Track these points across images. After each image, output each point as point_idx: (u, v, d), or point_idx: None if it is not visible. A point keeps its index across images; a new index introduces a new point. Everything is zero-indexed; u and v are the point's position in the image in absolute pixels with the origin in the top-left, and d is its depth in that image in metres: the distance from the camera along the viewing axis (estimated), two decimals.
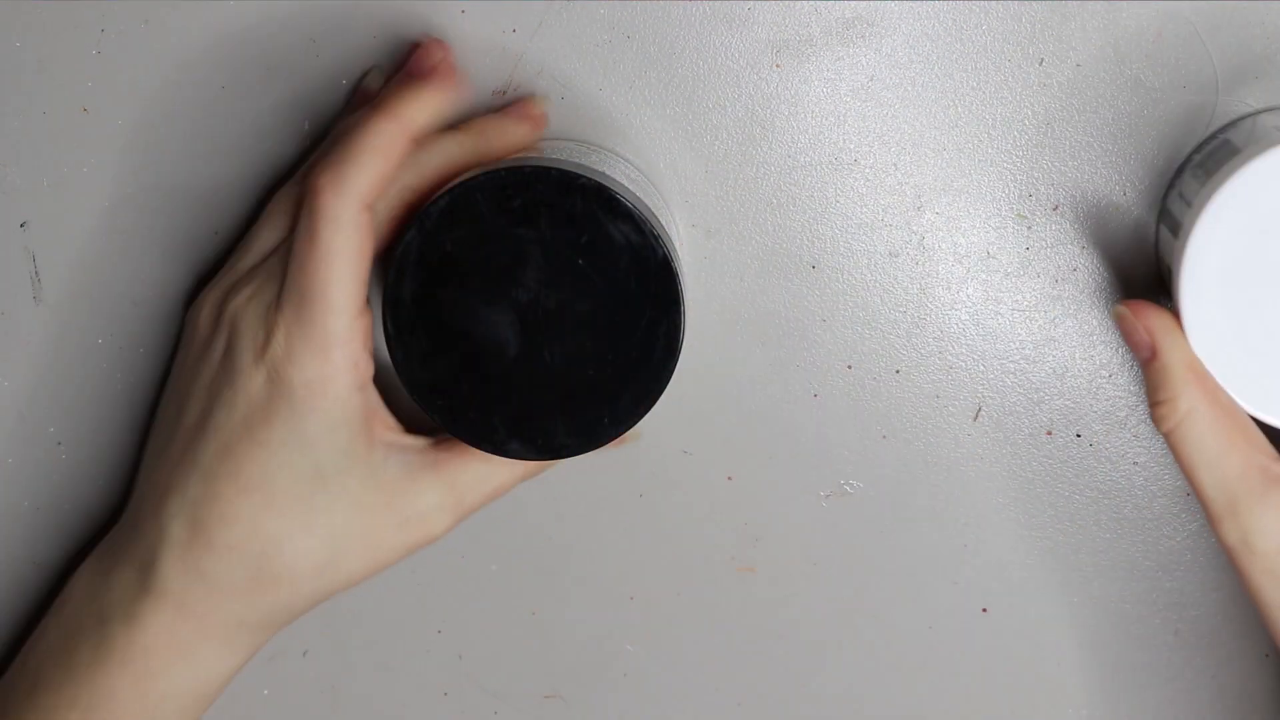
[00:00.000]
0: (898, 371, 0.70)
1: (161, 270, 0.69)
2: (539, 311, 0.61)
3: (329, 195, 0.60)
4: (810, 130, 0.68)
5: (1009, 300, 0.69)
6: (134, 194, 0.69)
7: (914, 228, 0.69)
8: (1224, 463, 0.61)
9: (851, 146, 0.68)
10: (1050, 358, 0.69)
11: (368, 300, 0.62)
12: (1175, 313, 0.62)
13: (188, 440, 0.63)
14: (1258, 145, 0.61)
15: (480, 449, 0.62)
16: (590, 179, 0.60)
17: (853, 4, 0.67)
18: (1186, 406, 0.61)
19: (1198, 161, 0.66)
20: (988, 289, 0.69)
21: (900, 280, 0.69)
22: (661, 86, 0.68)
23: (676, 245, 0.64)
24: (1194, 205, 0.62)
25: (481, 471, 0.64)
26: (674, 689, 0.73)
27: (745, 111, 0.68)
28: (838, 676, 0.72)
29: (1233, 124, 0.67)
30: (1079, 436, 0.70)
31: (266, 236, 0.65)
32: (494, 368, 0.61)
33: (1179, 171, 0.67)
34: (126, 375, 0.70)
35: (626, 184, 0.62)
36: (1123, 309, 0.63)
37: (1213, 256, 0.61)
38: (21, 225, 0.69)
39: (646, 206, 0.61)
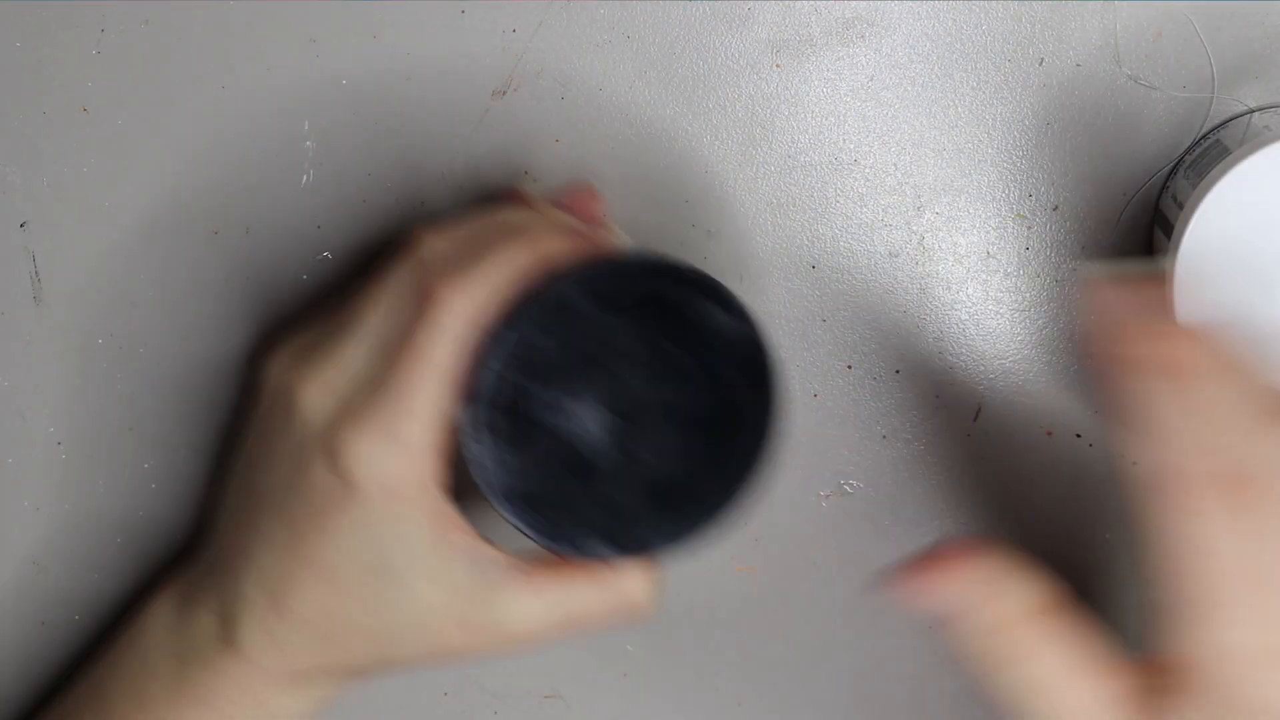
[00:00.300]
0: (898, 371, 0.70)
1: (162, 271, 0.69)
2: (632, 407, 0.59)
3: (448, 309, 0.58)
4: (810, 130, 0.68)
5: (1009, 300, 0.69)
6: (134, 194, 0.69)
7: (914, 228, 0.69)
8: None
9: (851, 146, 0.68)
10: (1050, 358, 0.69)
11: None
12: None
13: (261, 509, 0.62)
14: (1249, 146, 0.61)
15: (564, 553, 0.60)
16: (689, 268, 0.58)
17: (853, 4, 0.67)
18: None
19: (1189, 163, 0.66)
20: (988, 289, 0.69)
21: (900, 280, 0.69)
22: (661, 86, 0.68)
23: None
24: (1185, 206, 0.62)
25: (567, 592, 0.61)
26: (674, 689, 0.73)
27: (745, 111, 0.68)
28: (838, 676, 0.72)
29: (1225, 124, 0.67)
30: (1079, 436, 0.70)
31: (375, 323, 0.61)
32: (583, 467, 0.59)
33: (1172, 172, 0.67)
34: (126, 375, 0.70)
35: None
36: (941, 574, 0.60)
37: (1204, 258, 0.61)
38: (21, 225, 0.69)
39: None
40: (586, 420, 0.59)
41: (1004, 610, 0.57)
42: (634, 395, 0.59)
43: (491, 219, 0.62)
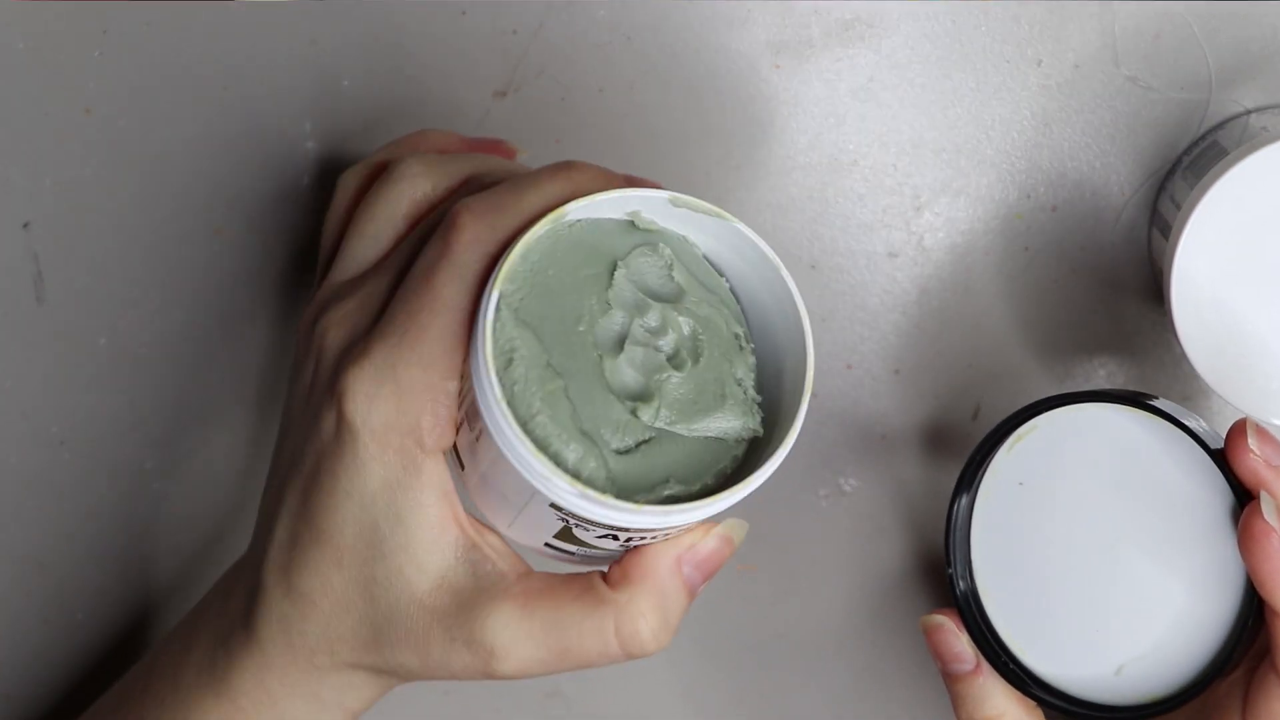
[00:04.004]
0: (897, 371, 0.70)
1: (164, 271, 0.69)
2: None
3: (468, 243, 0.55)
4: (810, 130, 0.68)
5: (1009, 300, 0.69)
6: (136, 195, 0.69)
7: (914, 228, 0.69)
8: None
9: (851, 146, 0.68)
10: (1050, 358, 0.69)
11: (465, 363, 0.56)
12: (1168, 312, 0.62)
13: (286, 473, 0.59)
14: (1246, 147, 0.61)
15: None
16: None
17: (853, 4, 0.67)
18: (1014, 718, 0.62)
19: (1187, 163, 0.66)
20: (987, 289, 0.69)
21: (900, 280, 0.69)
22: (661, 87, 0.68)
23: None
24: (1183, 207, 0.62)
25: (561, 615, 0.56)
26: (674, 689, 0.73)
27: (745, 112, 0.68)
28: (838, 676, 0.72)
29: (1222, 125, 0.67)
30: None
31: (363, 249, 0.60)
32: None
33: (1169, 173, 0.67)
34: (128, 375, 0.70)
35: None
36: (940, 619, 0.62)
37: (1202, 258, 0.61)
38: (24, 226, 0.69)
39: None
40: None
41: None
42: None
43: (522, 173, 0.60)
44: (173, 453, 0.71)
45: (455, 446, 0.57)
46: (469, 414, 0.56)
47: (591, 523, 0.54)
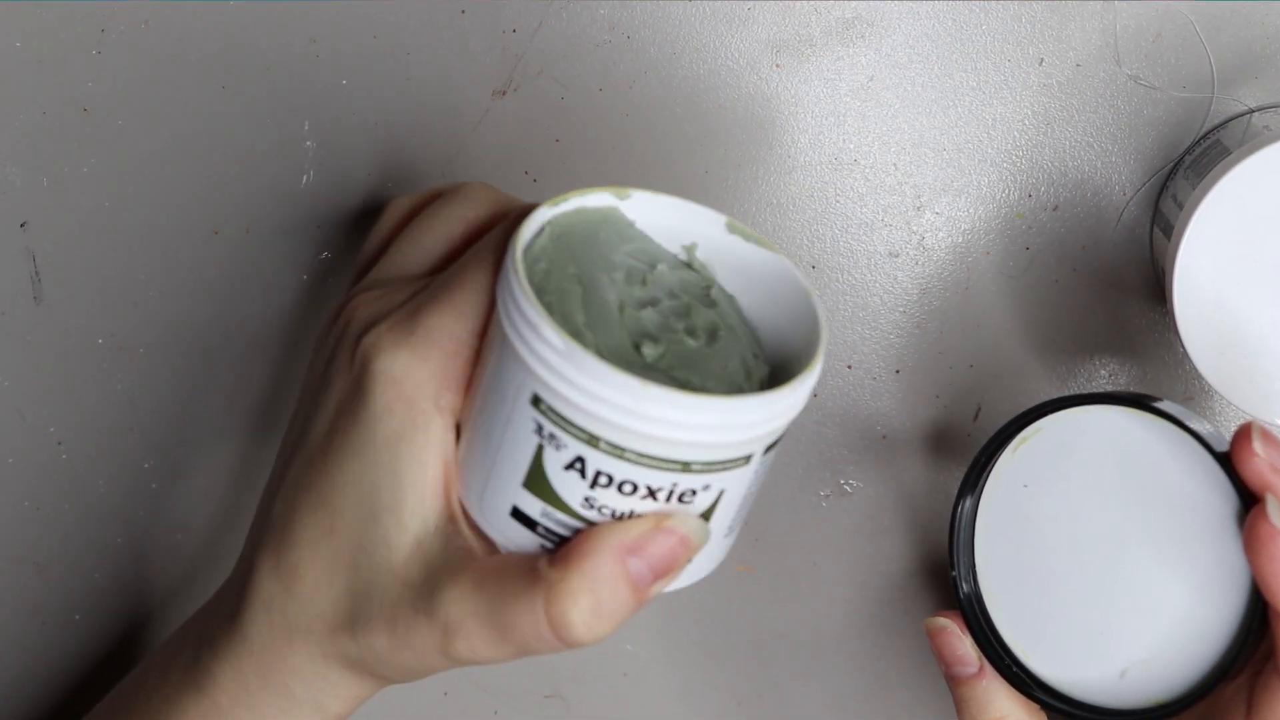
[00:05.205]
0: (898, 371, 0.70)
1: (162, 270, 0.69)
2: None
3: (508, 229, 0.56)
4: (810, 130, 0.68)
5: (1009, 300, 0.69)
6: (134, 194, 0.69)
7: (914, 228, 0.69)
8: None
9: (851, 146, 0.68)
10: (1050, 358, 0.69)
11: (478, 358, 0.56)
12: (1170, 312, 0.62)
13: (288, 452, 0.59)
14: (1248, 146, 0.61)
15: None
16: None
17: (853, 4, 0.67)
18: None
19: (1189, 163, 0.66)
20: (987, 289, 0.69)
21: (900, 280, 0.69)
22: (661, 86, 0.68)
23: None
24: (1185, 207, 0.62)
25: (504, 591, 0.54)
26: (674, 689, 0.73)
27: (745, 111, 0.68)
28: (838, 676, 0.72)
29: (1225, 124, 0.67)
30: None
31: (410, 256, 0.60)
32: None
33: (1172, 173, 0.67)
34: (127, 375, 0.70)
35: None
36: (944, 622, 0.62)
37: (1204, 258, 0.61)
38: (22, 225, 0.69)
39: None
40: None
41: None
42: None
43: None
44: (171, 453, 0.71)
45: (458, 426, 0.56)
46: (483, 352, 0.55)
47: (570, 424, 0.51)
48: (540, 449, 0.53)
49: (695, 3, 0.67)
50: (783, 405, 0.52)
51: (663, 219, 0.56)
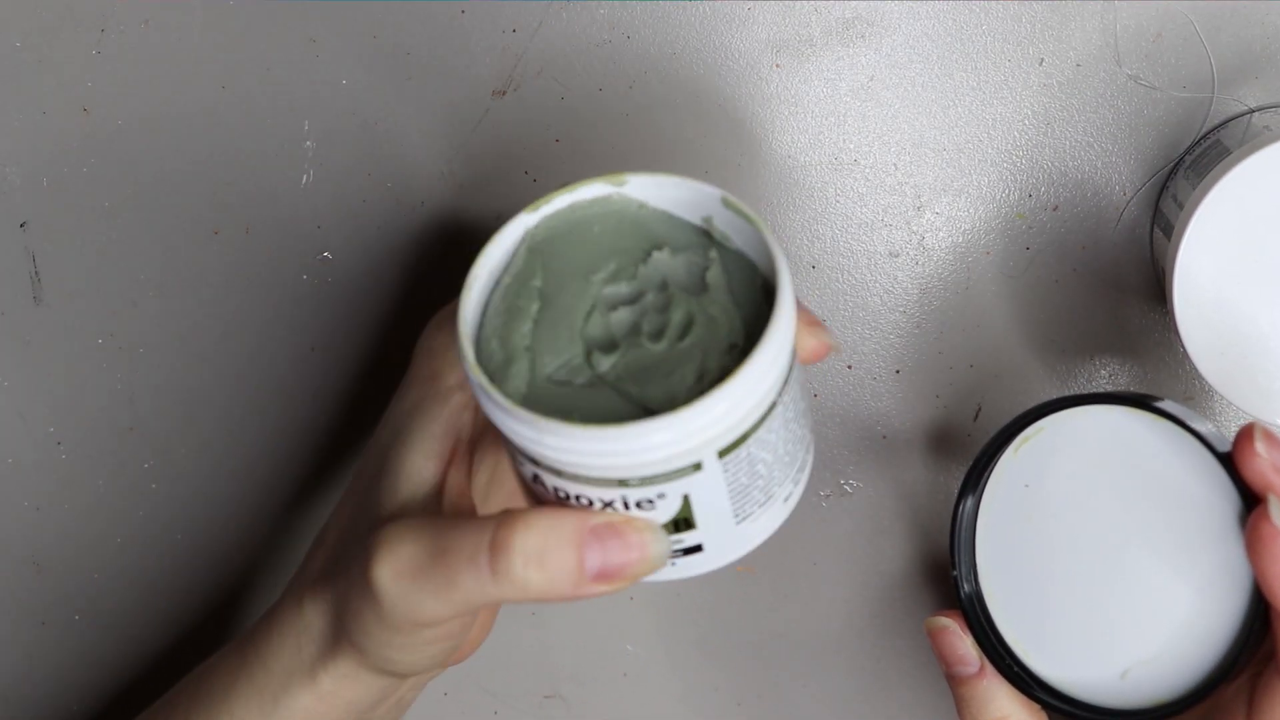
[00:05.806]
0: (898, 371, 0.70)
1: (161, 270, 0.69)
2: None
3: None
4: (810, 130, 0.68)
5: (1009, 300, 0.69)
6: (134, 194, 0.69)
7: (914, 228, 0.69)
8: None
9: (851, 146, 0.68)
10: (1050, 358, 0.69)
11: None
12: (1170, 312, 0.62)
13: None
14: (1249, 146, 0.61)
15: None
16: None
17: (853, 4, 0.67)
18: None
19: (1190, 163, 0.66)
20: (988, 289, 0.69)
21: (900, 280, 0.69)
22: (661, 86, 0.68)
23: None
24: (1185, 207, 0.62)
25: (457, 529, 0.52)
26: (674, 689, 0.73)
27: (745, 111, 0.68)
28: (838, 676, 0.72)
29: (1225, 124, 0.67)
30: None
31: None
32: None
33: (1172, 173, 0.67)
34: (126, 375, 0.70)
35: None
36: (945, 622, 0.62)
37: (1205, 258, 0.61)
38: (21, 225, 0.69)
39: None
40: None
41: None
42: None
43: None
44: (171, 453, 0.71)
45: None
46: None
47: (517, 447, 0.52)
48: (517, 460, 0.54)
49: (695, 3, 0.67)
50: (705, 419, 0.50)
51: (669, 195, 0.56)
